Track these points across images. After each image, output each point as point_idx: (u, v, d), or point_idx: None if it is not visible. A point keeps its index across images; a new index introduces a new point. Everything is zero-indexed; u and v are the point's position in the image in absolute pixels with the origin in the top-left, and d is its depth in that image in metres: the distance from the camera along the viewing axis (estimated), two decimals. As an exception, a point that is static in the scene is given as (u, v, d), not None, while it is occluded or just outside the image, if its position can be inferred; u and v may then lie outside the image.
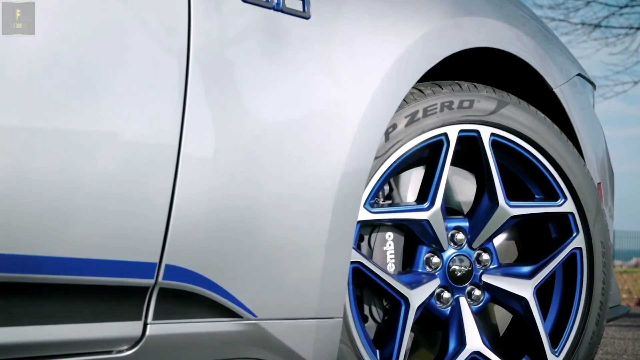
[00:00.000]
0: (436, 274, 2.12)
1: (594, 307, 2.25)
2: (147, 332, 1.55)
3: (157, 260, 1.53)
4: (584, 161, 2.30)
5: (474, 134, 2.12)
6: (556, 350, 2.21)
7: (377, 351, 2.02)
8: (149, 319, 1.55)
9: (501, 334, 2.32)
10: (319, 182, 1.75)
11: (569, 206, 2.23)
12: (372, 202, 2.00)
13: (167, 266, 1.54)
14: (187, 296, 1.59)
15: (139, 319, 1.54)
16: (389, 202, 2.11)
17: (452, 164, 2.10)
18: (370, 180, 1.97)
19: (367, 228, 2.07)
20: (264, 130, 1.67)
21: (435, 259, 2.12)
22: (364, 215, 1.97)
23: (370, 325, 2.08)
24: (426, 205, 2.06)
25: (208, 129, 1.59)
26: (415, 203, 2.10)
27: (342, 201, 1.77)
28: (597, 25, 16.22)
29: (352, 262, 1.93)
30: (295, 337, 1.72)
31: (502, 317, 2.32)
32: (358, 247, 2.04)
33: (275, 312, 1.69)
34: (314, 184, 1.74)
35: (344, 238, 1.80)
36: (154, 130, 1.53)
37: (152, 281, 1.53)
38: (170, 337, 1.57)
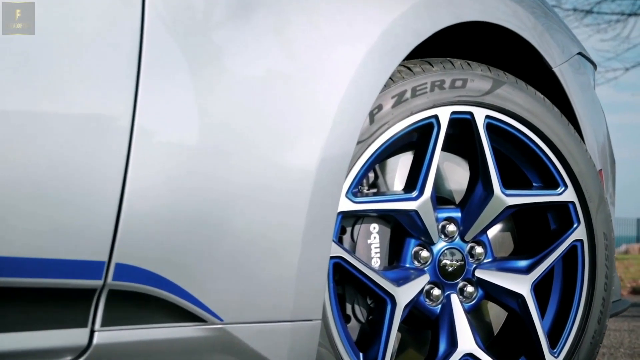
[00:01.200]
0: (425, 269, 1.94)
1: (596, 304, 2.08)
2: (95, 341, 1.36)
3: (105, 259, 1.34)
4: (585, 146, 2.12)
5: (467, 116, 1.94)
6: (555, 350, 2.04)
7: (361, 354, 1.85)
8: (97, 326, 1.37)
9: (495, 334, 2.14)
10: (293, 171, 1.57)
11: (569, 195, 2.06)
12: (355, 191, 1.82)
13: (117, 265, 1.36)
14: (142, 299, 1.41)
15: (85, 325, 1.35)
16: (374, 191, 1.93)
17: (443, 149, 1.92)
18: (352, 167, 1.79)
19: (350, 219, 1.89)
20: (230, 114, 1.49)
21: (425, 253, 1.94)
22: (346, 205, 1.79)
23: (353, 326, 1.90)
24: (415, 194, 1.88)
25: (165, 110, 1.41)
26: (402, 192, 1.92)
27: (320, 191, 1.60)
28: (589, 12, 16.07)
29: (332, 257, 1.76)
30: (268, 342, 1.54)
31: (496, 315, 2.14)
32: (339, 241, 1.87)
33: (244, 315, 1.52)
34: (287, 173, 1.56)
35: (323, 231, 1.62)
36: (103, 109, 1.35)
37: (99, 282, 1.35)
38: (122, 346, 1.39)
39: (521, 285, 2.01)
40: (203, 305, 1.46)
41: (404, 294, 1.87)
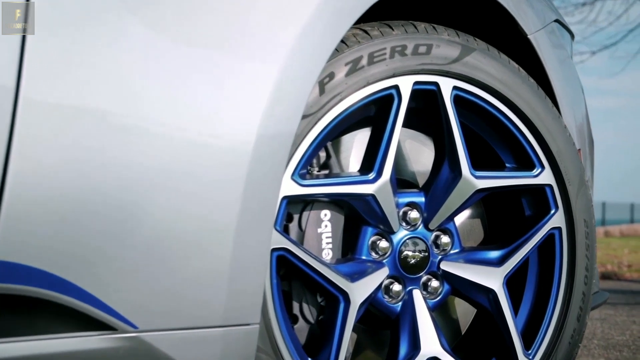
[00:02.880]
0: (384, 261, 1.71)
1: (575, 300, 1.86)
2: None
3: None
4: (564, 122, 1.89)
5: (432, 87, 1.70)
6: (530, 352, 1.81)
7: (309, 359, 1.60)
8: (-30, 340, 1.11)
9: (463, 333, 1.91)
10: (224, 152, 1.33)
11: (546, 177, 1.83)
12: (302, 173, 1.57)
13: (-3, 263, 1.10)
14: (34, 304, 1.15)
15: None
16: (326, 172, 1.69)
17: (405, 125, 1.68)
18: (299, 145, 1.55)
19: (297, 205, 1.64)
20: (144, 87, 1.24)
21: (383, 244, 1.70)
22: (292, 189, 1.54)
23: (301, 328, 1.66)
24: (372, 176, 1.64)
25: (56, 80, 1.15)
26: (358, 173, 1.68)
27: (258, 173, 1.35)
28: (556, -5, 15.91)
29: (275, 250, 1.51)
30: (193, 352, 1.30)
31: (464, 312, 1.92)
32: (284, 230, 1.62)
33: (164, 321, 1.27)
34: (216, 155, 1.32)
35: (262, 219, 1.38)
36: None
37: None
38: (4, 364, 1.13)
39: (492, 279, 1.78)
40: (112, 311, 1.21)
41: (360, 291, 1.64)
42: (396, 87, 1.66)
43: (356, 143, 1.77)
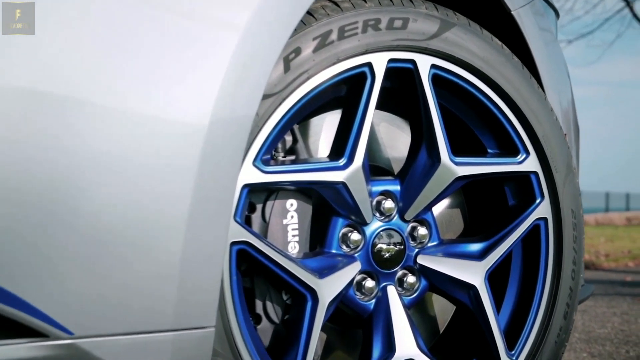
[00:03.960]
0: (356, 255, 1.57)
1: (562, 296, 1.73)
2: None
3: None
4: (551, 105, 1.75)
5: (409, 64, 1.56)
6: (513, 352, 1.68)
7: (274, 363, 1.46)
8: None
9: (441, 332, 1.77)
10: (172, 136, 1.18)
11: (531, 164, 1.69)
12: (266, 159, 1.42)
13: None
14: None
15: None
16: (292, 158, 1.54)
17: (379, 106, 1.53)
18: (262, 128, 1.40)
19: (260, 194, 1.50)
20: (72, 66, 1.09)
21: (355, 236, 1.56)
22: (254, 176, 1.40)
23: (265, 328, 1.52)
24: (342, 162, 1.50)
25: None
26: (327, 159, 1.53)
27: (211, 160, 1.21)
28: (532, -18, 15.80)
29: (235, 243, 1.37)
30: (140, 356, 1.14)
31: (442, 309, 1.78)
32: (246, 222, 1.47)
33: (103, 326, 1.12)
34: (163, 139, 1.17)
35: (219, 209, 1.23)
36: None
37: None
38: None
39: (473, 274, 1.65)
40: (43, 315, 1.06)
41: (329, 288, 1.50)
42: (369, 65, 1.51)
43: (326, 126, 1.62)
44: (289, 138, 1.55)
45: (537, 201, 1.71)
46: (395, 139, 1.72)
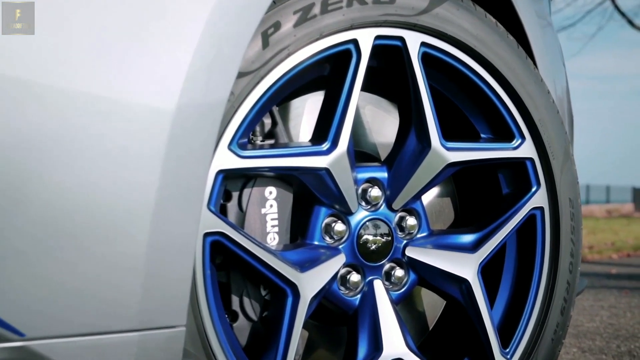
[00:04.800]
0: (340, 247, 1.46)
1: (559, 290, 1.63)
2: None
3: None
4: (547, 87, 1.64)
5: (397, 42, 1.45)
6: (508, 350, 1.57)
7: (252, 364, 1.35)
8: None
9: (430, 328, 1.67)
10: (138, 115, 1.07)
11: (527, 149, 1.59)
12: (242, 142, 1.31)
13: None
14: None
15: None
16: (271, 142, 1.42)
17: (365, 88, 1.42)
18: (238, 108, 1.28)
19: (237, 181, 1.38)
20: (25, 43, 0.97)
21: (339, 226, 1.45)
22: (229, 161, 1.28)
23: (242, 326, 1.41)
24: (326, 146, 1.39)
25: None
26: (309, 143, 1.41)
27: (182, 141, 1.09)
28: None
29: (208, 234, 1.25)
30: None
31: (431, 304, 1.67)
32: (221, 211, 1.36)
33: (59, 326, 1.00)
34: (123, 123, 1.05)
35: (189, 197, 1.12)
36: None
37: None
38: None
39: (465, 267, 1.54)
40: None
41: (311, 282, 1.39)
42: (355, 42, 1.40)
43: (307, 109, 1.51)
44: (267, 121, 1.43)
45: (533, 189, 1.60)
46: (382, 123, 1.61)
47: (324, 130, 1.41)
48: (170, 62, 1.11)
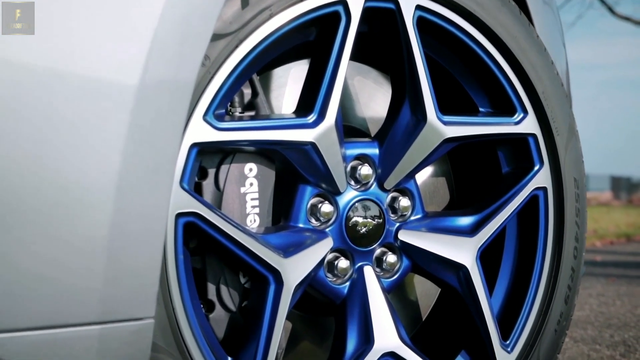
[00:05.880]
0: (327, 230, 1.33)
1: (563, 278, 1.51)
2: None
3: None
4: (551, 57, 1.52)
5: (390, 4, 1.32)
6: (508, 342, 1.45)
7: (230, 358, 1.22)
8: None
9: (423, 319, 1.54)
10: (97, 84, 0.93)
11: (530, 124, 1.46)
12: (219, 114, 1.18)
13: None
14: None
15: None
16: (251, 113, 1.29)
17: (353, 57, 1.28)
18: (214, 75, 1.16)
19: (214, 157, 1.25)
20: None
21: (326, 207, 1.32)
22: (205, 133, 1.15)
23: (219, 317, 1.28)
24: (312, 118, 1.26)
25: None
26: (293, 115, 1.28)
27: (147, 113, 0.96)
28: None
29: (181, 215, 1.12)
30: (55, 357, 0.89)
31: (425, 292, 1.54)
32: (196, 190, 1.22)
33: (6, 319, 0.86)
34: (79, 90, 0.91)
35: (159, 173, 0.98)
36: None
37: None
38: None
39: (463, 252, 1.42)
40: None
41: (295, 269, 1.26)
42: (344, 4, 1.27)
43: (291, 79, 1.39)
44: (247, 91, 1.30)
45: (536, 168, 1.48)
46: (371, 95, 1.48)
47: (310, 101, 1.28)
48: (134, 22, 0.98)
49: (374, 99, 1.47)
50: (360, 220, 1.36)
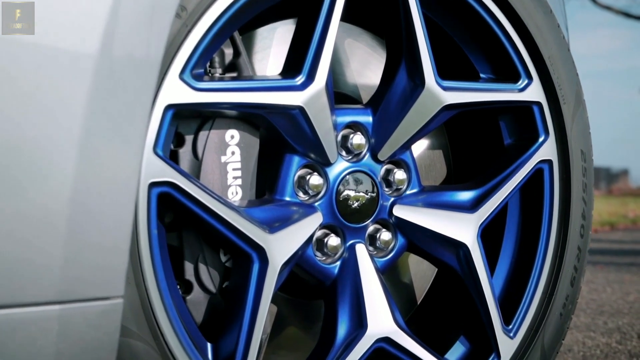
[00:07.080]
0: (316, 204, 1.22)
1: (569, 258, 1.40)
2: None
3: None
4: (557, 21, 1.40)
5: (386, -44, 1.20)
6: (511, 327, 1.35)
7: (209, 345, 1.11)
8: None
9: (419, 302, 1.43)
10: (49, 43, 0.82)
11: (534, 92, 1.36)
12: (198, 73, 1.06)
13: None
14: None
15: None
16: (233, 74, 1.17)
17: (345, 17, 1.16)
18: (191, 30, 1.04)
19: (192, 122, 1.14)
20: None
21: (315, 179, 1.21)
22: (182, 94, 1.04)
23: (197, 299, 1.17)
24: (300, 80, 1.14)
25: None
26: (279, 77, 1.16)
27: (112, 68, 0.84)
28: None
29: (155, 184, 1.01)
30: (6, 343, 0.77)
31: (421, 273, 1.44)
32: (172, 157, 1.11)
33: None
34: (35, 51, 0.80)
35: (126, 138, 0.87)
36: None
37: None
38: None
39: (463, 229, 1.31)
40: None
41: (281, 246, 1.15)
42: (335, -45, 1.15)
43: (277, 40, 1.27)
44: (228, 50, 1.19)
45: (541, 139, 1.37)
46: (363, 59, 1.37)
47: (298, 62, 1.17)
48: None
49: (367, 64, 1.36)
50: (352, 194, 1.25)
